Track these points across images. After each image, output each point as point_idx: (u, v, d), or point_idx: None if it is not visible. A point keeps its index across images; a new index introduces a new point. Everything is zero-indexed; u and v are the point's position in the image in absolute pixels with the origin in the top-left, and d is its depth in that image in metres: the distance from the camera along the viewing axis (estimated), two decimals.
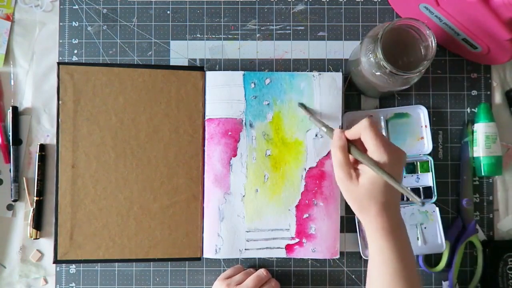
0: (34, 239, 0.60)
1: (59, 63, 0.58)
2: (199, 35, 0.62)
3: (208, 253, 0.59)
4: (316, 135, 0.59)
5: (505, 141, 0.62)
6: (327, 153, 0.59)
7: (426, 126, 0.60)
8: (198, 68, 0.60)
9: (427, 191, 0.60)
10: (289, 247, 0.59)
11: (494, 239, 0.61)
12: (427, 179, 0.60)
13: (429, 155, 0.60)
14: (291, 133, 0.59)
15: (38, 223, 0.60)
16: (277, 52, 0.62)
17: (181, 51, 0.62)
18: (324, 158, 0.59)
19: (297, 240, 0.58)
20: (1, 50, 0.61)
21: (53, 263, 0.57)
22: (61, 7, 0.62)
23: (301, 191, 0.59)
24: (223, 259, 0.61)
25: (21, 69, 0.62)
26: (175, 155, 0.59)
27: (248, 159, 0.59)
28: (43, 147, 0.61)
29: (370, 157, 0.47)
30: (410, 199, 0.46)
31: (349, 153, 0.49)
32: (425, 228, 0.60)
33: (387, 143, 0.47)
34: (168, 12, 0.62)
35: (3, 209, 0.61)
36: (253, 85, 0.59)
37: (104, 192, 0.58)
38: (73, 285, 0.60)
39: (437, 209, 0.59)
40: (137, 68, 0.59)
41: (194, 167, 0.59)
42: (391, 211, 0.47)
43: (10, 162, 0.60)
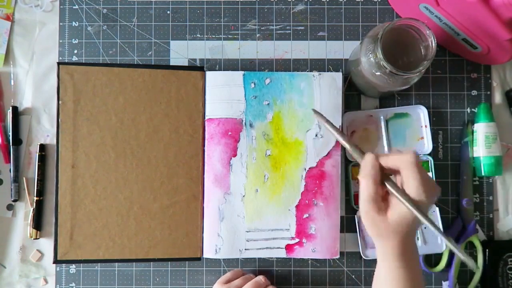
0: (34, 239, 0.60)
1: (59, 63, 0.58)
2: (199, 35, 0.62)
3: (208, 253, 0.59)
4: (316, 135, 0.59)
5: (505, 141, 0.62)
6: (327, 153, 0.59)
7: (426, 126, 0.60)
8: (198, 68, 0.60)
9: None
10: (289, 247, 0.59)
11: (494, 239, 0.61)
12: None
13: (429, 155, 0.60)
14: (291, 133, 0.59)
15: (38, 223, 0.60)
16: (277, 52, 0.62)
17: (181, 51, 0.62)
18: (324, 158, 0.59)
19: (297, 240, 0.58)
20: (1, 50, 0.61)
21: (53, 263, 0.57)
22: (61, 7, 0.62)
23: (301, 191, 0.59)
24: (223, 259, 0.61)
25: (21, 69, 0.62)
26: (175, 155, 0.59)
27: (248, 159, 0.59)
28: (43, 147, 0.61)
29: (407, 194, 0.43)
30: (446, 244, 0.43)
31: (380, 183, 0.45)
32: (425, 228, 0.60)
33: (427, 181, 0.44)
34: (168, 12, 0.62)
35: (3, 209, 0.61)
36: (253, 85, 0.59)
37: (104, 192, 0.58)
38: (73, 285, 0.60)
39: (437, 209, 0.59)
40: (137, 68, 0.59)
41: (194, 167, 0.59)
42: (410, 238, 0.46)
43: (10, 162, 0.60)
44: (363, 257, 0.60)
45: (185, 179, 0.59)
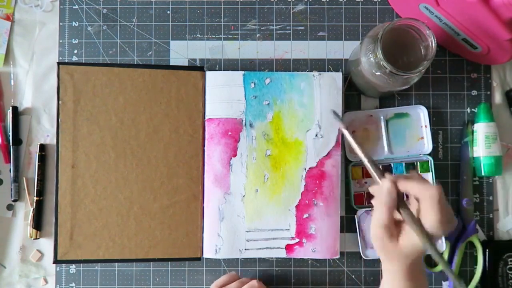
0: (34, 239, 0.60)
1: (59, 63, 0.58)
2: (199, 35, 0.62)
3: (208, 253, 0.59)
4: (316, 135, 0.59)
5: (505, 141, 0.62)
6: (327, 153, 0.59)
7: (426, 126, 0.60)
8: (198, 68, 0.60)
9: None
10: (289, 247, 0.59)
11: (494, 239, 0.61)
12: (427, 179, 0.60)
13: (429, 155, 0.60)
14: (291, 133, 0.59)
15: (38, 223, 0.60)
16: (277, 52, 0.62)
17: (181, 51, 0.62)
18: (324, 158, 0.59)
19: (297, 240, 0.58)
20: (1, 50, 0.61)
21: (53, 263, 0.57)
22: (61, 7, 0.62)
23: (301, 191, 0.58)
24: (223, 259, 0.61)
25: (21, 69, 0.62)
26: (175, 155, 0.59)
27: (248, 159, 0.59)
28: (43, 147, 0.61)
29: (422, 225, 0.42)
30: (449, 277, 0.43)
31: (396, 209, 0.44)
32: None
33: (447, 215, 0.42)
34: (168, 12, 0.62)
35: (3, 209, 0.61)
36: (253, 85, 0.59)
37: (104, 192, 0.58)
38: (73, 285, 0.60)
39: None
40: (137, 68, 0.59)
41: (194, 167, 0.59)
42: (419, 260, 0.46)
43: (10, 162, 0.60)
44: (363, 257, 0.60)
45: (185, 179, 0.59)
